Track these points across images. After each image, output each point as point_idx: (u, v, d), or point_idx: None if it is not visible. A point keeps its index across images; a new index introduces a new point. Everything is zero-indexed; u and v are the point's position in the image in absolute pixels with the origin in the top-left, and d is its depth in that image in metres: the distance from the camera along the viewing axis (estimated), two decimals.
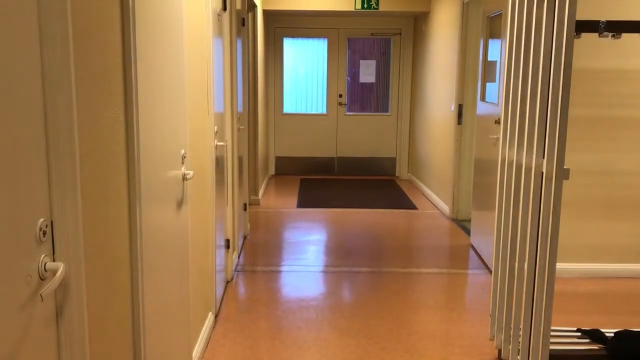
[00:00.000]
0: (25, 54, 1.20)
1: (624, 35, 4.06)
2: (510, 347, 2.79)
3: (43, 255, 1.31)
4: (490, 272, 4.40)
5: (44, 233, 1.31)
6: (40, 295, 1.23)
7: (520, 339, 2.65)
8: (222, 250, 3.86)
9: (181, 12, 2.42)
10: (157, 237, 2.04)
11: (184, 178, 2.46)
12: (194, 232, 2.81)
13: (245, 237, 5.23)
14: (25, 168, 1.23)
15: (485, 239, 4.64)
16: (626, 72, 4.16)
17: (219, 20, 3.64)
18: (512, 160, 2.74)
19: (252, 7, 6.09)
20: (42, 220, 1.30)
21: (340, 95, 8.48)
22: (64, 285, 1.39)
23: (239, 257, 4.66)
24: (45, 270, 1.31)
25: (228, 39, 4.06)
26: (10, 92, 1.15)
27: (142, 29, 1.83)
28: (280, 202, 6.74)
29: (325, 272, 4.37)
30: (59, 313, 1.38)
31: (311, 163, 8.61)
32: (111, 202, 1.64)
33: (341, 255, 4.76)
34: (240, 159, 4.89)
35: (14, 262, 1.18)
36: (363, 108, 8.60)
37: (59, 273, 1.30)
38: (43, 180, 1.31)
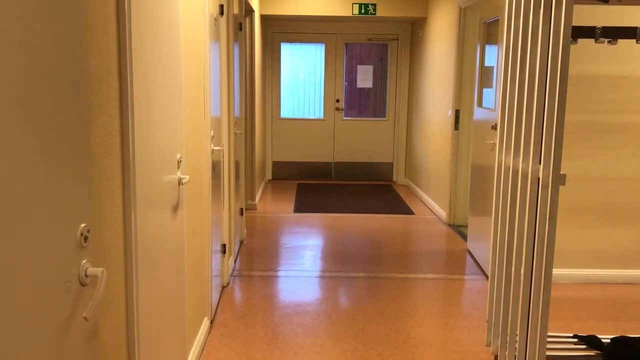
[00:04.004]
0: (70, 65, 1.20)
1: (620, 41, 4.07)
2: (507, 353, 2.78)
3: (84, 261, 1.29)
4: (487, 277, 4.39)
5: (85, 238, 1.29)
6: (85, 318, 1.21)
7: (516, 345, 2.64)
8: (218, 255, 3.85)
9: (178, 16, 2.42)
10: (152, 241, 2.03)
11: (180, 182, 2.45)
12: (189, 237, 2.80)
13: (241, 242, 5.22)
14: (68, 172, 1.21)
15: (482, 244, 4.64)
16: (623, 78, 4.17)
17: (216, 25, 3.64)
18: (509, 166, 2.74)
19: (250, 12, 6.10)
20: (83, 225, 1.28)
21: (338, 100, 8.49)
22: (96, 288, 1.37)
23: (235, 262, 4.65)
24: (86, 275, 1.29)
25: (225, 43, 4.06)
26: (56, 103, 1.16)
27: (137, 33, 1.82)
28: (277, 207, 6.73)
29: (321, 277, 4.36)
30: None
31: (308, 168, 8.61)
32: (104, 207, 1.63)
33: (338, 261, 4.75)
34: (237, 164, 4.88)
35: (55, 267, 1.16)
36: (360, 113, 8.61)
37: (102, 281, 1.28)
38: (84, 185, 1.30)
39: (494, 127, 4.40)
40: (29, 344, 1.06)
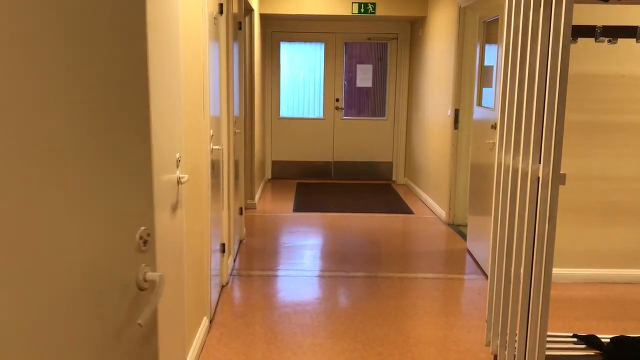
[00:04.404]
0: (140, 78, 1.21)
1: (620, 40, 4.07)
2: (506, 352, 2.77)
3: (143, 265, 1.25)
4: (487, 277, 4.39)
5: (145, 242, 1.25)
6: (139, 324, 1.17)
7: (516, 345, 2.64)
8: (218, 255, 3.84)
9: (177, 15, 2.41)
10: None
11: (179, 182, 2.45)
12: (189, 236, 2.79)
13: (241, 242, 5.21)
14: (129, 174, 1.19)
15: (481, 244, 4.63)
16: (623, 77, 4.16)
17: (215, 24, 3.63)
18: (509, 165, 2.74)
19: (249, 11, 6.09)
20: (143, 228, 1.24)
21: (337, 100, 8.48)
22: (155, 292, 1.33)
23: (234, 261, 4.64)
24: (145, 280, 1.24)
25: (225, 42, 4.05)
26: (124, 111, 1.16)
27: None
28: (277, 206, 6.72)
29: (321, 276, 4.35)
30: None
31: (308, 167, 8.60)
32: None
33: (337, 260, 4.74)
34: (236, 163, 4.88)
35: (114, 271, 1.13)
36: (360, 112, 8.60)
37: (158, 286, 1.24)
38: (146, 185, 1.26)
39: (494, 127, 4.40)
40: (83, 349, 1.03)
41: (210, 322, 3.46)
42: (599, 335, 3.01)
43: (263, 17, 7.59)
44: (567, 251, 4.33)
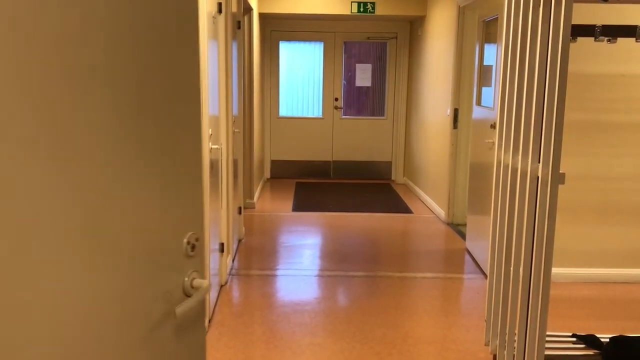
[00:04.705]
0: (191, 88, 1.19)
1: (621, 39, 4.07)
2: (505, 352, 2.77)
3: (191, 271, 1.20)
4: (486, 276, 4.38)
5: (193, 247, 1.20)
6: (174, 311, 1.12)
7: (515, 344, 2.64)
8: (217, 254, 3.84)
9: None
10: None
11: None
12: None
13: (239, 241, 5.21)
14: (181, 175, 1.15)
15: (480, 243, 4.63)
16: (622, 76, 4.16)
17: (214, 23, 3.62)
18: (508, 165, 2.73)
19: (248, 10, 6.08)
20: (190, 233, 1.20)
21: (336, 99, 8.48)
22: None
23: (233, 261, 4.64)
24: (192, 286, 1.20)
25: (223, 41, 4.04)
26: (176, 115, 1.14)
27: None
28: (276, 205, 6.72)
29: (320, 276, 4.35)
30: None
31: (307, 167, 8.60)
32: None
33: (336, 260, 4.74)
34: (235, 162, 4.87)
35: (159, 276, 1.09)
36: (359, 112, 8.60)
37: (202, 292, 1.20)
38: (196, 187, 1.22)
39: (493, 126, 4.39)
40: (118, 354, 1.00)
41: (209, 321, 3.46)
42: (598, 335, 3.01)
43: (262, 16, 7.58)
44: (567, 250, 4.33)
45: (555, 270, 4.32)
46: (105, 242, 0.94)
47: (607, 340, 2.94)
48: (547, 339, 2.99)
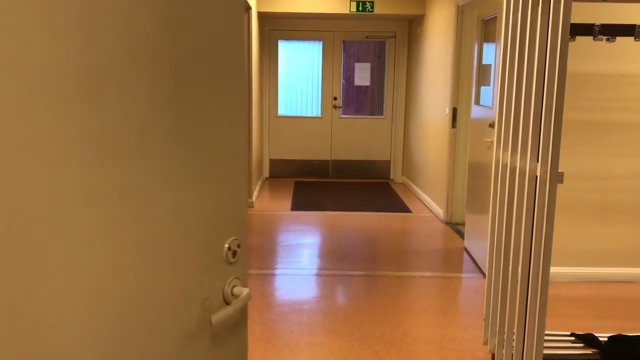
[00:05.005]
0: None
1: (619, 39, 4.07)
2: (504, 351, 2.77)
3: (232, 278, 1.16)
4: (484, 275, 4.39)
5: (234, 253, 1.16)
6: (210, 320, 1.08)
7: (514, 343, 2.64)
8: None
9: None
10: None
11: None
12: None
13: None
14: (226, 179, 1.12)
15: (479, 242, 4.63)
16: (621, 76, 4.16)
17: None
18: (506, 164, 2.73)
19: (247, 9, 6.08)
20: (232, 238, 1.15)
21: (335, 98, 8.47)
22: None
23: None
24: (233, 294, 1.16)
25: None
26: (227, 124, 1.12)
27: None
28: (274, 205, 6.71)
29: (318, 275, 4.35)
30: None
31: (305, 166, 8.59)
32: None
33: (335, 259, 4.74)
34: None
35: (199, 282, 1.06)
36: (358, 111, 8.59)
37: (242, 300, 1.15)
38: (241, 188, 1.18)
39: (492, 125, 4.39)
40: None
41: None
42: (596, 334, 3.01)
43: (261, 15, 7.57)
44: (565, 250, 4.33)
45: (553, 269, 4.32)
46: (151, 245, 0.93)
47: (606, 339, 2.94)
48: (546, 338, 2.99)
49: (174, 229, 0.99)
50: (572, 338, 3.01)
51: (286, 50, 8.44)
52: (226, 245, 1.14)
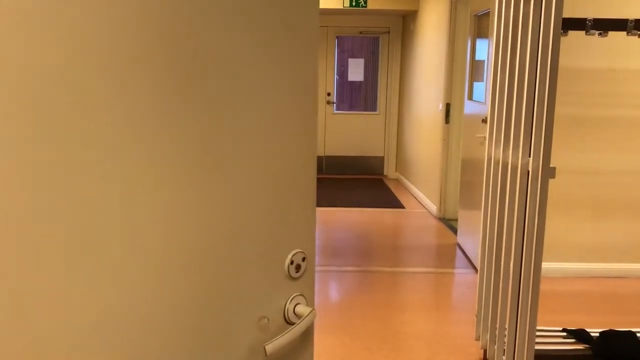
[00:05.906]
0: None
1: (613, 33, 4.07)
2: (496, 347, 2.77)
3: (295, 294, 1.05)
4: (477, 271, 4.39)
5: (297, 267, 1.04)
6: (264, 348, 0.96)
7: (505, 339, 2.64)
8: None
9: None
10: None
11: None
12: None
13: None
14: (293, 186, 1.03)
15: (472, 238, 4.63)
16: (613, 71, 4.16)
17: None
18: (499, 159, 2.73)
19: None
20: (297, 251, 1.04)
21: (329, 94, 8.46)
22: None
23: None
24: (295, 313, 1.05)
25: None
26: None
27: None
28: None
29: None
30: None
31: None
32: None
33: (328, 254, 4.73)
34: None
35: (255, 299, 0.97)
36: (351, 107, 8.58)
37: (305, 321, 1.02)
38: (308, 200, 1.07)
39: (485, 121, 4.39)
40: None
41: None
42: (588, 330, 3.02)
43: None
44: (557, 245, 4.34)
45: (545, 264, 4.32)
46: (210, 256, 0.88)
47: (597, 334, 2.95)
48: (538, 333, 2.99)
49: (240, 240, 0.93)
50: (564, 333, 3.02)
51: None
52: (289, 258, 1.03)
